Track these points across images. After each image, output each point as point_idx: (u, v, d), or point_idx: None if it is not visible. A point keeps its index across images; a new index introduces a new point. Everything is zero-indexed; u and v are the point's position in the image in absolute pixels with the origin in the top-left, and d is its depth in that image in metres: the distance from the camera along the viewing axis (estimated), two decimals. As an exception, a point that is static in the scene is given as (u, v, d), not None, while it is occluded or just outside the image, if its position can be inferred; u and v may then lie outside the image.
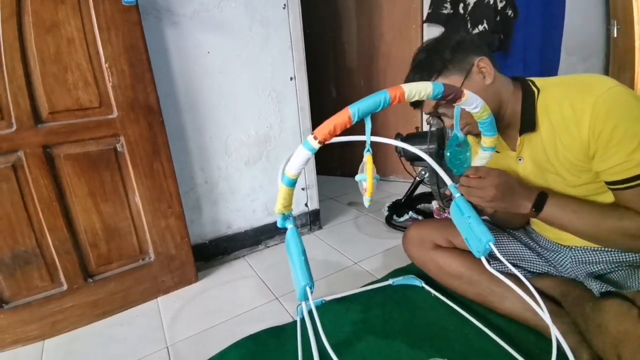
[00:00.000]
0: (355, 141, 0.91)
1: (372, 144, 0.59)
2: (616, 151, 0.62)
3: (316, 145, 0.53)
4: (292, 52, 1.32)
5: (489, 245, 0.71)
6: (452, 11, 1.62)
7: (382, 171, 2.16)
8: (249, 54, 1.24)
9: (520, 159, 0.78)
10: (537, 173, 0.76)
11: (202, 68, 1.17)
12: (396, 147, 1.46)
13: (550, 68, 2.03)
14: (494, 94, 0.72)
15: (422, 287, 1.05)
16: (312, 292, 0.62)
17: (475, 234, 0.74)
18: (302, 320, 0.95)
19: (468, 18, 1.59)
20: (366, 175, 0.56)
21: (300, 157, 0.54)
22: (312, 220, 1.53)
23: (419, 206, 1.68)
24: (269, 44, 1.27)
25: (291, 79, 1.34)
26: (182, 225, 1.16)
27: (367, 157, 0.57)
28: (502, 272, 0.73)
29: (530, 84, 0.74)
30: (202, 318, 1.03)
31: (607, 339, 0.65)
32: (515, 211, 0.72)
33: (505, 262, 0.69)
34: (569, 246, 0.83)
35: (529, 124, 0.72)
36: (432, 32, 1.76)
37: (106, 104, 0.99)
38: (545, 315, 0.61)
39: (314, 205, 1.53)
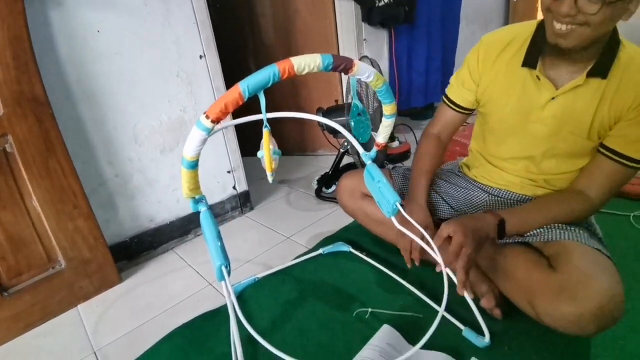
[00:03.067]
0: (284, 119, 0.91)
1: (300, 119, 0.60)
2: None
3: (209, 125, 0.52)
4: (199, 29, 1.24)
5: (397, 205, 0.78)
6: (359, -17, 1.64)
7: (311, 146, 2.19)
8: (148, 31, 1.14)
9: (553, 98, 0.72)
10: (560, 119, 0.73)
11: (94, 50, 1.05)
12: (318, 121, 1.50)
13: (451, 38, 2.19)
14: (613, 22, 0.63)
15: (350, 252, 1.12)
16: (229, 272, 0.62)
17: (384, 196, 0.80)
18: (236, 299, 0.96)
19: (374, -10, 1.64)
20: (264, 151, 0.57)
21: (195, 138, 0.53)
22: (243, 202, 1.52)
23: (353, 170, 1.74)
24: (171, 20, 1.18)
25: (201, 57, 1.27)
26: (94, 226, 1.07)
27: (265, 134, 0.57)
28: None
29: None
30: (130, 318, 0.99)
31: (515, 282, 0.72)
32: (487, 240, 0.74)
33: (412, 221, 0.76)
34: (488, 187, 0.91)
35: (603, 68, 0.67)
36: (344, 5, 1.78)
37: (-10, 102, 0.86)
38: (437, 256, 0.70)
39: (242, 187, 1.51)
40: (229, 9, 2.03)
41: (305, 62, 0.54)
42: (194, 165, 0.57)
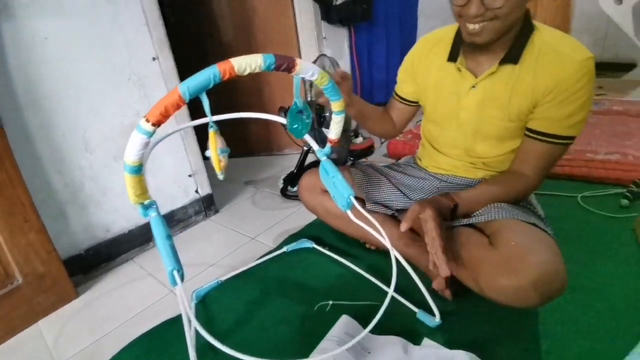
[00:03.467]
0: (248, 119, 0.90)
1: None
2: (564, 107, 0.71)
3: (150, 129, 0.51)
4: (150, 30, 1.21)
5: (351, 199, 0.81)
6: (315, -18, 1.66)
7: (277, 146, 2.19)
8: (97, 35, 1.10)
9: (474, 87, 0.80)
10: (481, 105, 0.80)
11: (40, 57, 1.01)
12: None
13: (409, 33, 2.26)
14: (522, 9, 0.70)
15: (313, 247, 1.13)
16: (182, 276, 0.62)
17: (339, 191, 0.83)
18: (197, 305, 0.95)
19: (330, -11, 1.66)
20: (211, 150, 0.57)
21: (136, 142, 0.52)
22: (207, 205, 1.50)
23: (315, 168, 1.76)
24: (120, 22, 1.14)
25: (154, 59, 1.24)
26: (46, 239, 1.03)
27: (210, 134, 0.57)
28: (373, 211, 0.94)
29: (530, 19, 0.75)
30: (89, 331, 0.95)
31: (461, 261, 0.76)
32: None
33: (363, 212, 0.79)
34: (438, 174, 0.96)
35: (514, 55, 0.73)
36: (303, 3, 1.79)
37: None
38: (386, 241, 0.73)
39: (205, 190, 1.49)
40: (186, 8, 1.99)
41: (246, 63, 0.55)
42: (138, 170, 0.56)
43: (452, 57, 0.83)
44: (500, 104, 0.78)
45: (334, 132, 0.82)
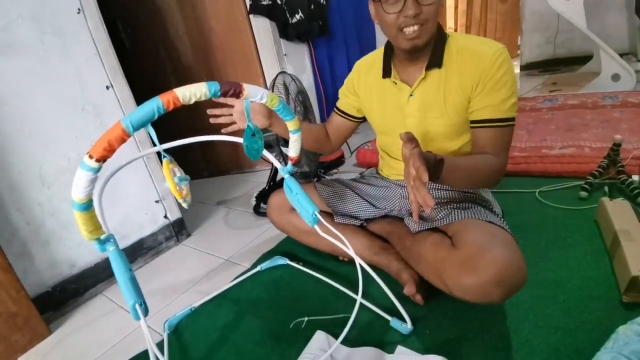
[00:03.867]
0: (218, 139, 0.91)
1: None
2: (495, 94, 0.77)
3: (94, 165, 0.51)
4: (102, 59, 1.19)
5: (316, 215, 0.82)
6: (270, 2, 1.69)
7: (248, 163, 2.18)
8: (47, 69, 1.08)
9: (411, 95, 0.87)
10: (422, 110, 0.87)
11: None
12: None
13: (369, 42, 2.33)
14: (439, 16, 0.78)
15: (287, 264, 1.13)
16: (145, 310, 0.61)
17: (303, 207, 0.83)
18: (169, 335, 0.93)
19: (285, 8, 1.69)
20: (167, 181, 0.57)
21: (80, 179, 0.51)
22: (177, 230, 1.47)
23: (282, 187, 1.77)
24: (70, 53, 1.12)
25: (107, 87, 1.22)
26: (13, 278, 0.99)
27: (164, 164, 0.57)
28: (342, 223, 0.97)
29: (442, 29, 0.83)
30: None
31: (427, 264, 0.78)
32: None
33: (328, 225, 0.80)
34: (400, 181, 0.99)
35: (437, 60, 0.81)
36: (260, 22, 1.81)
37: None
38: (350, 250, 0.74)
39: (175, 215, 1.46)
40: (141, 32, 1.97)
41: (191, 92, 0.55)
42: (87, 207, 0.55)
43: (387, 73, 0.90)
44: (437, 105, 0.85)
45: (293, 150, 0.83)
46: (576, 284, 0.84)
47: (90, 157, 0.50)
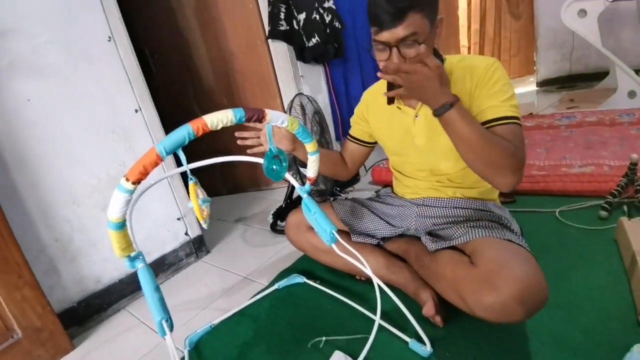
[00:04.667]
0: (241, 160, 0.96)
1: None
2: (494, 96, 0.81)
3: (131, 187, 0.54)
4: (132, 85, 1.27)
5: (334, 234, 0.84)
6: (288, 27, 1.77)
7: (264, 181, 2.23)
8: (79, 93, 1.16)
9: (416, 116, 0.91)
10: (429, 127, 0.90)
11: (24, 119, 1.06)
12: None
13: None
14: (432, 48, 0.82)
15: (304, 282, 1.14)
16: (170, 326, 0.63)
17: (321, 226, 0.86)
18: (190, 352, 0.95)
19: (302, 33, 1.76)
20: (192, 202, 0.60)
21: (118, 200, 0.55)
22: (197, 247, 1.51)
23: (299, 206, 1.79)
24: (101, 79, 1.20)
25: (136, 111, 1.29)
26: (39, 294, 1.04)
27: (190, 186, 0.61)
28: (359, 242, 0.99)
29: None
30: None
31: (446, 282, 0.79)
32: (427, 103, 0.78)
33: (345, 244, 0.82)
34: (415, 200, 1.01)
35: None
36: (277, 46, 1.89)
37: None
38: (368, 270, 0.75)
39: (195, 232, 1.50)
40: (167, 58, 2.08)
41: (218, 118, 0.59)
42: (122, 226, 0.59)
43: (390, 100, 0.95)
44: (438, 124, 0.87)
45: (311, 170, 0.86)
46: (595, 305, 0.83)
47: (127, 179, 0.54)
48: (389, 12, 0.73)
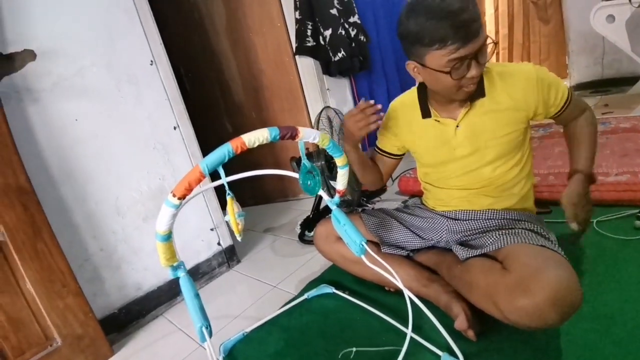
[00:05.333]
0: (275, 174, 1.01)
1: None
2: (555, 90, 0.87)
3: (177, 202, 0.59)
4: (171, 104, 1.36)
5: (363, 245, 0.86)
6: (315, 43, 1.82)
7: (292, 191, 2.27)
8: (122, 112, 1.25)
9: (457, 127, 0.91)
10: (472, 136, 0.91)
11: (72, 137, 1.15)
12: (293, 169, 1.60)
13: (407, 76, 2.39)
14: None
15: (333, 293, 1.16)
16: (210, 332, 0.67)
17: (351, 238, 0.88)
18: (225, 359, 0.98)
19: (328, 48, 1.82)
20: (229, 216, 0.64)
21: (165, 215, 0.60)
22: (229, 256, 1.56)
23: (327, 217, 1.82)
24: (143, 99, 1.30)
25: (175, 128, 1.37)
26: (83, 302, 1.11)
27: (228, 200, 0.65)
28: (388, 253, 1.00)
29: None
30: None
31: (479, 290, 0.78)
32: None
33: (375, 256, 0.83)
34: (446, 212, 1.01)
35: (480, 91, 0.87)
36: (304, 62, 1.95)
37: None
38: (399, 282, 0.76)
39: (227, 242, 1.56)
40: (200, 75, 2.20)
41: (255, 137, 0.63)
42: (168, 238, 0.64)
43: (426, 114, 0.95)
44: (488, 129, 0.89)
45: (340, 183, 0.89)
46: (629, 317, 0.81)
47: (174, 195, 0.59)
48: (470, 23, 0.71)
